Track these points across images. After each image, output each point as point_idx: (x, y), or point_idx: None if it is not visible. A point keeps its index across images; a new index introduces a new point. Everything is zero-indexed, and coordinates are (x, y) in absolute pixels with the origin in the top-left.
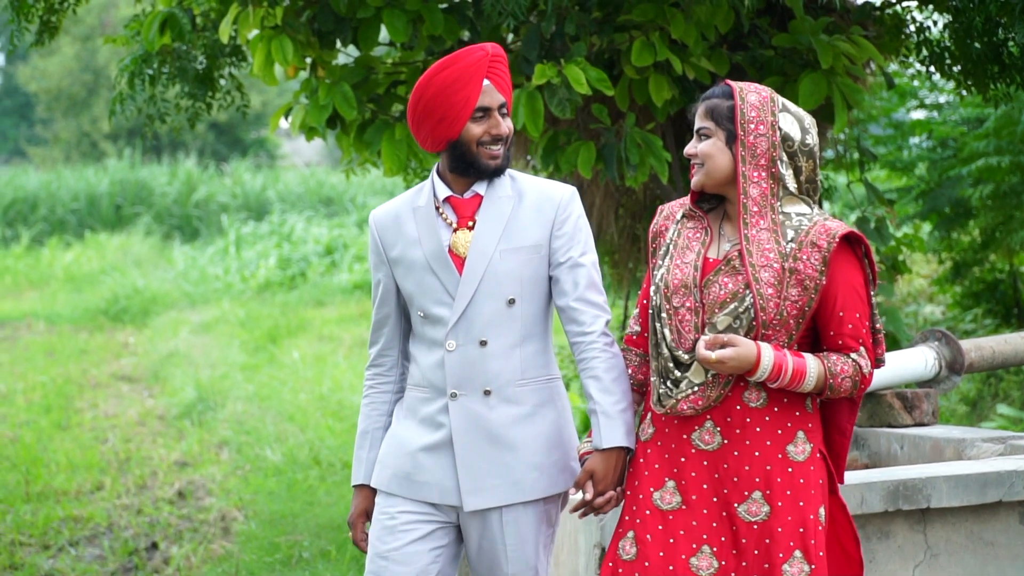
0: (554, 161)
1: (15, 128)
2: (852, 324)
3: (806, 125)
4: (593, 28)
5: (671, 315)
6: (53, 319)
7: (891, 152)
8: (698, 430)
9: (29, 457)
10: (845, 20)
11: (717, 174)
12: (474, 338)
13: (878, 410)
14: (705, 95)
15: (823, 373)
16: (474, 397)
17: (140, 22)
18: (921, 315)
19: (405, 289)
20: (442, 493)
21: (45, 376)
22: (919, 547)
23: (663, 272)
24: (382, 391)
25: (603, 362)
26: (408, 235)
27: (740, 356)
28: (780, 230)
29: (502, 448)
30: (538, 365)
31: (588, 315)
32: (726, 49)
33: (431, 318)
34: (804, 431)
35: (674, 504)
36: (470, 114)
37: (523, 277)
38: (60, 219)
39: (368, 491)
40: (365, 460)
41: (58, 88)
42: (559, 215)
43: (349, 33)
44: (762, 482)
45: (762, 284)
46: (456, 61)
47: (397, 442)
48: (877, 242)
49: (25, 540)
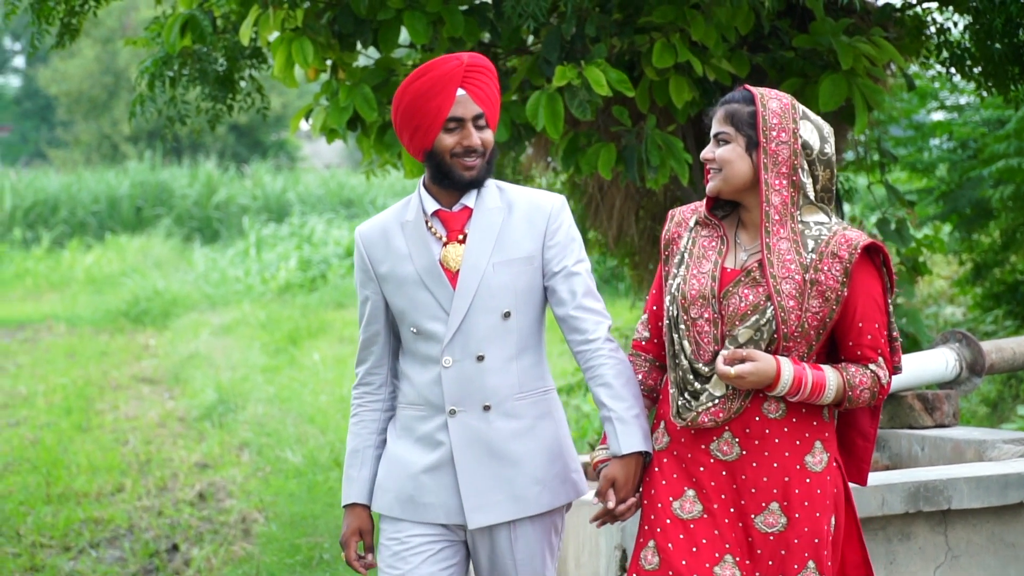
0: (574, 163)
1: (36, 131)
2: (871, 335)
3: (825, 134)
4: (613, 30)
5: (689, 326)
6: (74, 321)
7: (911, 154)
8: (716, 440)
9: (50, 459)
10: (865, 21)
11: (735, 180)
12: (471, 353)
13: (899, 412)
14: (724, 99)
15: (842, 385)
16: (474, 413)
17: (160, 24)
18: (942, 316)
19: (395, 306)
20: (448, 513)
21: (66, 378)
22: (940, 548)
23: (679, 282)
24: (371, 409)
25: (611, 368)
26: (397, 250)
27: (760, 371)
28: (801, 240)
29: (504, 463)
30: (535, 377)
31: (590, 322)
32: (746, 51)
33: (425, 334)
34: (821, 441)
35: (695, 513)
36: (442, 124)
37: (517, 289)
38: (81, 221)
39: (361, 510)
40: (357, 479)
41: (79, 91)
42: (550, 225)
43: (369, 35)
44: (780, 493)
45: (784, 296)
46: (430, 70)
47: (396, 464)
48: (898, 243)
49: (46, 542)
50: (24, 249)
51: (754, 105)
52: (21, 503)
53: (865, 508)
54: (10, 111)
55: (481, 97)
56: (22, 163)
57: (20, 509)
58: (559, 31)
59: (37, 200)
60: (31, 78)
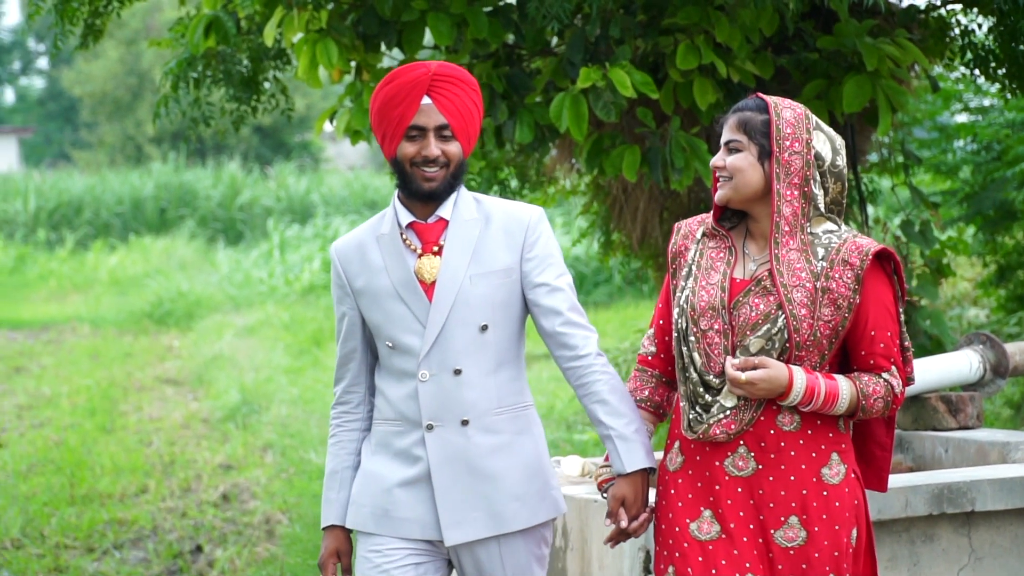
0: (599, 164)
1: (60, 132)
2: (884, 343)
3: (837, 146)
4: (638, 31)
5: (699, 338)
6: (98, 322)
7: (935, 155)
8: (731, 456)
9: (74, 460)
10: (890, 23)
11: (746, 190)
12: (448, 367)
13: (923, 413)
14: (736, 107)
15: (855, 395)
16: (451, 428)
17: (185, 25)
18: (965, 318)
19: (371, 320)
20: (423, 528)
21: (90, 379)
22: (963, 550)
23: (688, 294)
24: (350, 429)
25: (605, 384)
26: (373, 264)
27: (772, 378)
28: (810, 249)
29: (481, 479)
30: (513, 392)
31: (578, 337)
32: (770, 52)
33: (400, 348)
34: (838, 452)
35: (713, 534)
36: (404, 132)
37: (495, 302)
38: (105, 222)
39: (340, 532)
40: (335, 501)
41: (103, 92)
42: (528, 237)
43: (394, 36)
44: (798, 507)
45: (795, 305)
46: (395, 78)
47: (371, 479)
48: (922, 245)
49: (70, 543)
50: (48, 250)
51: (767, 114)
52: (45, 504)
53: (889, 510)
54: (34, 112)
55: (448, 108)
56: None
57: (44, 510)
58: (583, 33)
59: (61, 201)
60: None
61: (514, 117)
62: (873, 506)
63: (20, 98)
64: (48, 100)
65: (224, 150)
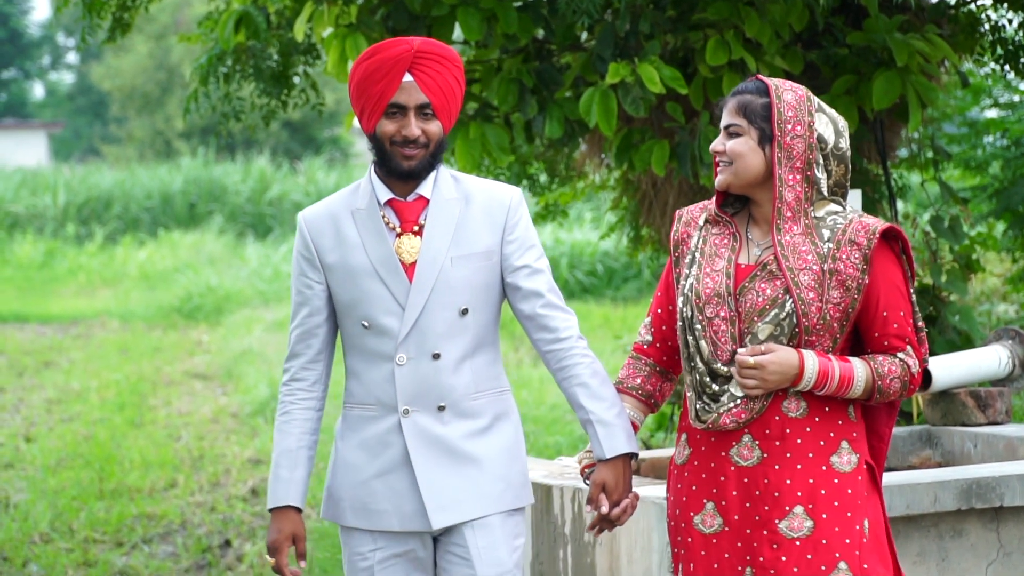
0: (628, 159)
1: (89, 127)
2: (897, 323)
3: (840, 127)
4: (667, 27)
5: (705, 326)
6: (127, 317)
7: (965, 151)
8: (736, 446)
9: (103, 455)
10: (920, 18)
11: (747, 175)
12: (427, 351)
13: (951, 409)
14: (736, 90)
15: (871, 376)
16: (427, 413)
17: (214, 20)
18: (995, 314)
19: (342, 297)
20: (401, 519)
21: (119, 374)
22: (992, 545)
23: (692, 282)
24: (304, 407)
25: (587, 367)
26: (348, 239)
27: (782, 361)
28: (815, 231)
29: (463, 462)
30: (490, 376)
31: (559, 319)
32: (800, 47)
33: (377, 329)
34: (848, 440)
35: (716, 527)
36: (384, 109)
37: (475, 285)
38: (134, 217)
39: (295, 513)
40: (290, 480)
41: (132, 87)
42: (510, 219)
43: (423, 31)
44: (804, 496)
45: (802, 288)
46: (377, 52)
47: (347, 470)
48: (951, 241)
49: (99, 537)
50: (77, 245)
51: (768, 97)
52: (74, 498)
53: (918, 505)
54: (64, 107)
55: (430, 86)
56: (75, 159)
57: (73, 504)
58: (613, 28)
59: (91, 196)
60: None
61: (544, 112)
62: (902, 501)
63: (49, 93)
64: (77, 95)
65: (253, 145)
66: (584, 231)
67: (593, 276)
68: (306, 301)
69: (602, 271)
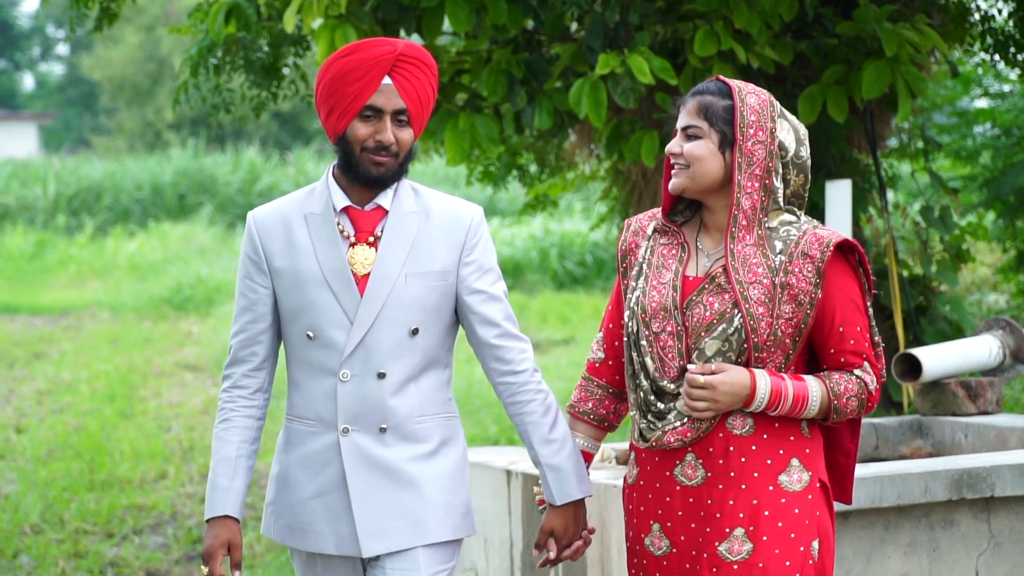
0: (618, 150)
1: (79, 118)
2: (853, 339)
3: (800, 136)
4: (657, 17)
5: (651, 342)
6: (117, 308)
7: (955, 141)
8: (680, 465)
9: (93, 446)
10: (909, 8)
11: (704, 179)
12: (372, 369)
13: (942, 399)
14: (696, 90)
15: (826, 395)
16: (368, 434)
17: (204, 12)
18: (985, 304)
19: (288, 305)
20: (338, 542)
21: (109, 365)
22: (983, 536)
23: (638, 295)
24: (245, 416)
25: (539, 404)
26: (299, 245)
27: (732, 382)
28: (767, 243)
29: (402, 486)
30: (438, 401)
31: (515, 351)
32: (790, 38)
33: (322, 340)
34: (800, 458)
35: (664, 548)
36: (358, 110)
37: (428, 305)
38: (124, 208)
39: (232, 522)
40: (229, 489)
41: (122, 78)
42: (469, 239)
43: (413, 22)
44: (746, 518)
45: (751, 303)
46: (357, 50)
47: (285, 488)
48: (941, 231)
49: (89, 528)
50: (67, 236)
51: (731, 99)
52: (65, 489)
53: (908, 495)
54: (53, 98)
55: (409, 92)
56: (65, 150)
57: (64, 496)
58: (603, 19)
59: (80, 187)
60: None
61: (533, 103)
62: (893, 491)
63: (39, 84)
64: (67, 86)
65: (243, 136)
66: (574, 222)
67: (583, 266)
68: (250, 306)
69: (592, 262)
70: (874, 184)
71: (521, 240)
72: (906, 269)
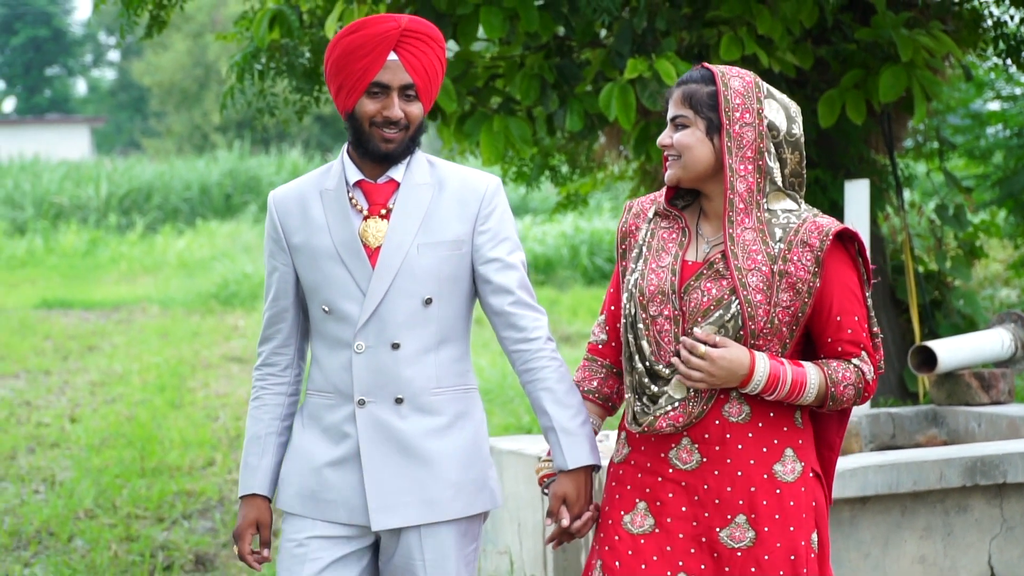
0: (645, 151)
1: (130, 121)
2: (851, 328)
3: (792, 113)
4: (683, 24)
5: (648, 325)
6: (166, 303)
7: (968, 141)
8: (675, 448)
9: (144, 434)
10: (925, 15)
11: (696, 167)
12: (386, 340)
13: (956, 389)
14: (681, 79)
15: (824, 381)
16: (384, 405)
17: (249, 19)
18: (997, 298)
19: (307, 280)
20: (350, 512)
21: (159, 357)
22: (995, 520)
23: (636, 277)
24: (275, 393)
25: (554, 371)
26: (314, 220)
27: (731, 358)
28: (767, 229)
29: (415, 462)
30: (455, 373)
31: (528, 319)
32: (810, 43)
33: (337, 314)
34: (793, 448)
35: (646, 527)
36: (365, 87)
37: (441, 275)
38: (173, 208)
39: (261, 501)
40: (257, 467)
41: (171, 83)
42: (483, 208)
43: (449, 29)
44: (746, 505)
45: (750, 290)
46: (363, 27)
47: (301, 456)
48: (956, 228)
49: (141, 513)
50: (119, 234)
51: (714, 84)
52: (117, 476)
53: (924, 481)
54: (106, 103)
55: (415, 66)
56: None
57: (116, 482)
58: (631, 25)
59: (132, 188)
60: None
61: (565, 106)
62: (909, 478)
63: (92, 89)
64: (119, 91)
65: (286, 138)
66: (603, 219)
67: (612, 262)
68: (274, 284)
69: None
70: (891, 183)
71: (552, 237)
72: (922, 265)
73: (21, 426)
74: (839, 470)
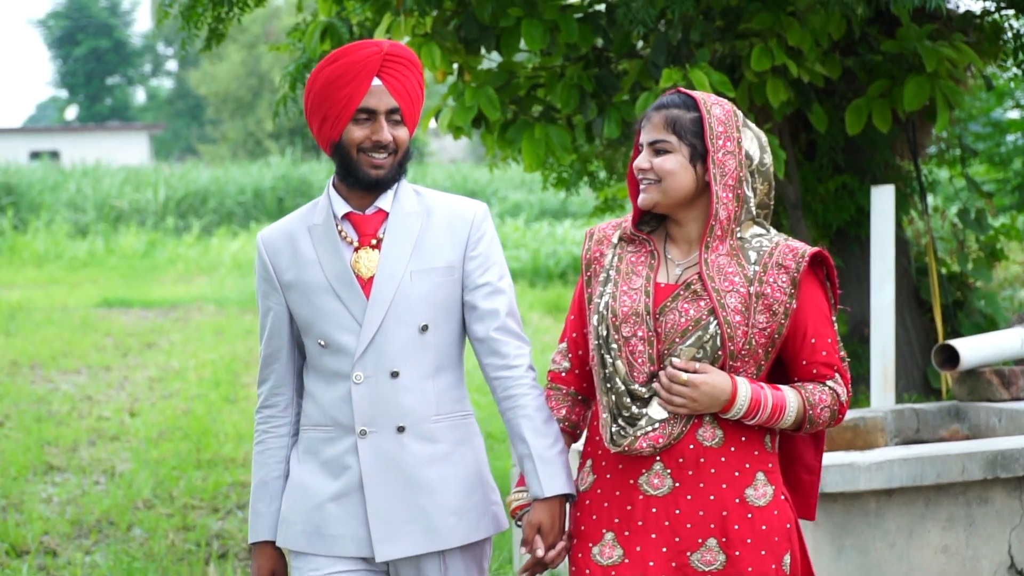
0: None
1: (187, 128)
2: (826, 351)
3: (763, 144)
4: (716, 36)
5: (621, 346)
6: (221, 302)
7: (989, 148)
8: (646, 473)
9: (200, 428)
10: (948, 27)
11: (677, 193)
12: (384, 368)
13: (978, 386)
14: (660, 103)
15: (802, 405)
16: (386, 435)
17: (302, 31)
18: (1017, 299)
19: (301, 317)
20: (358, 545)
21: (214, 354)
22: (1015, 512)
23: (607, 300)
24: (277, 435)
25: (533, 400)
26: (304, 256)
27: (714, 384)
28: (741, 253)
29: (417, 491)
30: (453, 399)
31: (511, 346)
32: (838, 54)
33: (334, 347)
34: (764, 472)
35: (615, 558)
36: (351, 114)
37: (436, 301)
38: (228, 211)
39: (272, 549)
40: (265, 513)
41: (226, 91)
42: (473, 234)
43: (492, 40)
44: (717, 528)
45: (728, 310)
46: (344, 55)
47: (301, 493)
48: (977, 231)
49: (197, 504)
50: (176, 236)
51: (697, 111)
52: (174, 468)
53: (947, 474)
54: (164, 111)
55: (399, 90)
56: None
57: (173, 474)
58: (666, 37)
59: (188, 192)
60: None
61: (603, 114)
62: (932, 471)
63: (151, 97)
64: (176, 99)
65: None
66: None
67: None
68: (268, 323)
69: None
70: (915, 189)
71: None
72: (944, 267)
73: (83, 420)
74: (865, 464)
